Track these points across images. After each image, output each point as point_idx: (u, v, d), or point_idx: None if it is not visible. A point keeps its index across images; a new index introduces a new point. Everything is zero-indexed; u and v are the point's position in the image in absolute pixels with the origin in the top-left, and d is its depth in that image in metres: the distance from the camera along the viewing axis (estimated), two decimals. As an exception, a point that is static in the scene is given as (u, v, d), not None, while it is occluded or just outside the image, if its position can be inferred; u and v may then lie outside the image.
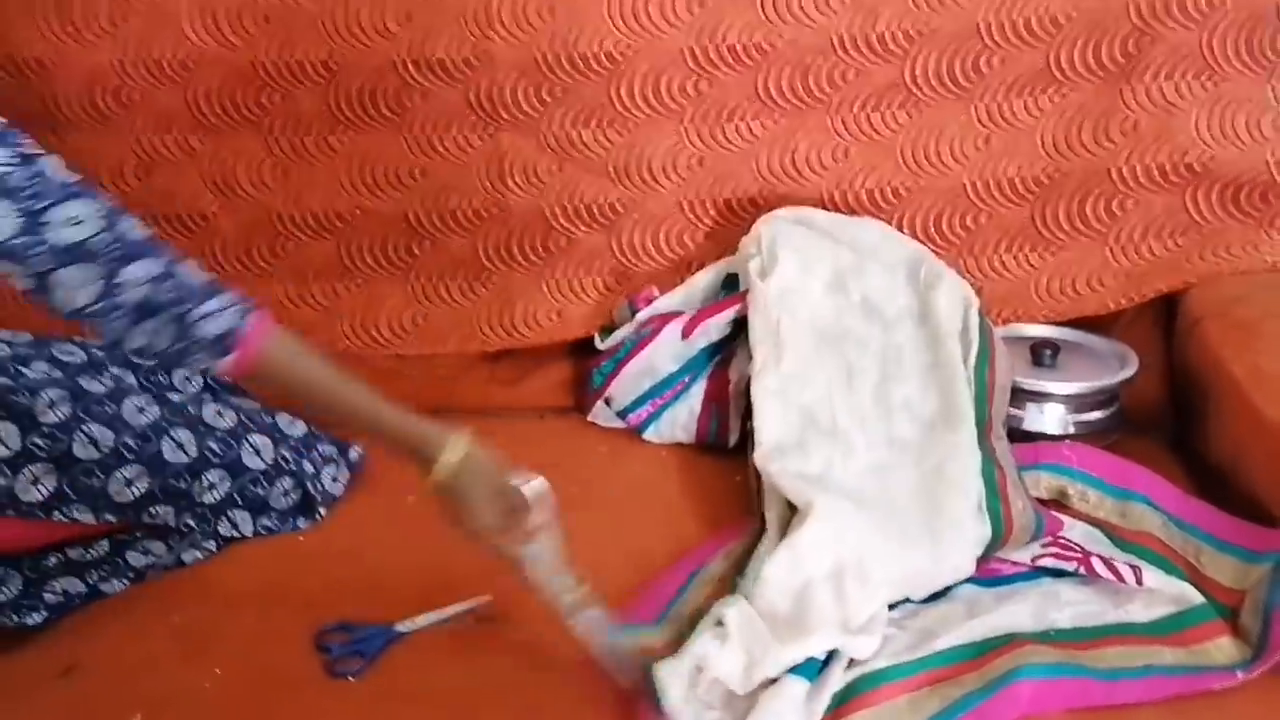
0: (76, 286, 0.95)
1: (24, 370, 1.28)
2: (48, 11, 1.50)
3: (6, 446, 1.17)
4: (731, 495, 1.36)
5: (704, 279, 1.55)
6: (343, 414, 1.12)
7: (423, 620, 1.16)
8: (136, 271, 0.97)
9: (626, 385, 1.50)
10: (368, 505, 1.37)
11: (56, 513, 1.20)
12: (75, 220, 0.94)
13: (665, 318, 1.52)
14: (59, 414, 1.20)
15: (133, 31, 1.51)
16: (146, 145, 1.56)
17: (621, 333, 1.54)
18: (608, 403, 1.52)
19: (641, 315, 1.54)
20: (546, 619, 1.07)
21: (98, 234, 0.95)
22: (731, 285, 1.53)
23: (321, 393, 1.09)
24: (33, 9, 1.51)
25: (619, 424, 1.52)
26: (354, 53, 1.51)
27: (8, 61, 1.52)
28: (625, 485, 1.40)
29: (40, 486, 1.19)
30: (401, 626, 1.15)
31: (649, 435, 1.50)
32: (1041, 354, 1.44)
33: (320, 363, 1.08)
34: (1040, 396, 1.41)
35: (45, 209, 0.93)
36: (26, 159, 0.93)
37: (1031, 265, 1.55)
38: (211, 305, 1.00)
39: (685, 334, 1.49)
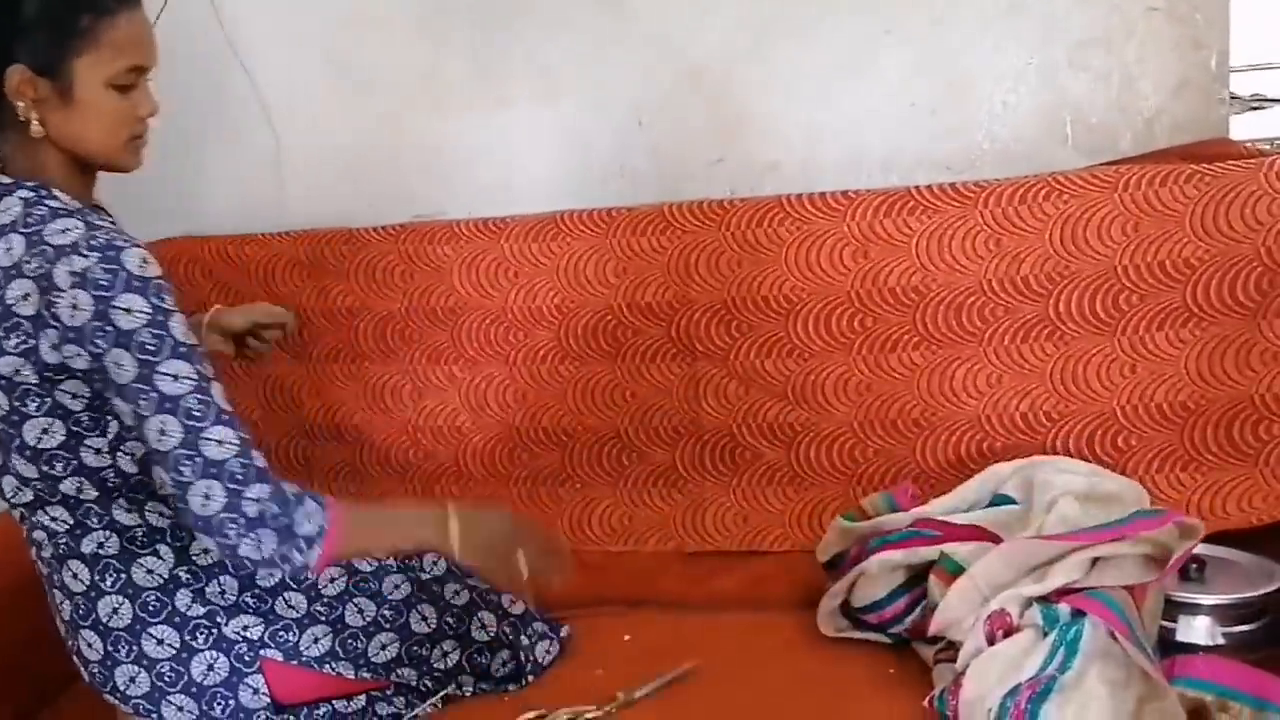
0: (209, 497, 1.21)
1: None
2: (358, 272, 1.90)
3: (296, 610, 1.43)
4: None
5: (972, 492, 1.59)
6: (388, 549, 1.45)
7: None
8: (260, 491, 1.23)
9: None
10: (567, 675, 1.54)
11: (328, 666, 1.43)
12: (220, 441, 1.21)
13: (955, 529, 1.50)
14: (336, 587, 1.47)
15: (416, 285, 1.88)
16: (420, 373, 1.90)
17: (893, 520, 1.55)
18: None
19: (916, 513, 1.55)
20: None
21: (234, 456, 1.22)
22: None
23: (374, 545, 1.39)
24: (347, 273, 1.90)
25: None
26: (581, 298, 1.81)
27: (327, 311, 1.92)
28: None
29: (319, 644, 1.43)
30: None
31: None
32: (1188, 568, 1.50)
33: (369, 516, 1.42)
34: (1189, 608, 1.47)
35: (205, 429, 1.21)
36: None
37: (1182, 484, 1.61)
38: (304, 509, 1.25)
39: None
